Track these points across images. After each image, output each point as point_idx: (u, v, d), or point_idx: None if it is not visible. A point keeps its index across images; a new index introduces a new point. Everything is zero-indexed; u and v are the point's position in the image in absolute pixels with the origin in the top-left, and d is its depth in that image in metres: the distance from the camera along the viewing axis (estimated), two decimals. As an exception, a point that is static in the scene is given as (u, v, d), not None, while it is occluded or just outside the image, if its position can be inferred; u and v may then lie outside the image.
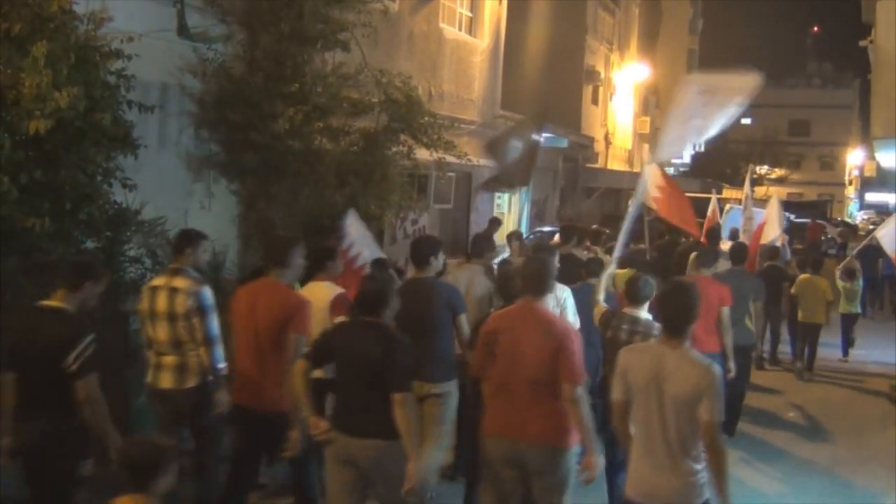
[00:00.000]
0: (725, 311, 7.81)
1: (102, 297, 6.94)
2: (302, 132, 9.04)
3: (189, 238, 5.89)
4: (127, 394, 7.39)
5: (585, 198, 27.55)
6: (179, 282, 5.65)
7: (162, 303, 5.69)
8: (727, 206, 18.47)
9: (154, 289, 5.78)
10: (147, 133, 7.64)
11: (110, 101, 6.67)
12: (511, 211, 21.88)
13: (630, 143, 35.17)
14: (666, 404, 4.10)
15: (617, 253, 7.59)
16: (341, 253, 7.35)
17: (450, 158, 10.68)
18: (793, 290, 11.92)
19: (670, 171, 43.22)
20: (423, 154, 10.63)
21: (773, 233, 12.70)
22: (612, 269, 7.44)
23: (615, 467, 5.73)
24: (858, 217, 60.38)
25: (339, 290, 6.16)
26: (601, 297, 6.74)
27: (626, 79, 33.78)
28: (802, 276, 11.97)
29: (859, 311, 13.52)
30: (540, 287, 4.95)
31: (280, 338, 5.20)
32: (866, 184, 75.01)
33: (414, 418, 4.54)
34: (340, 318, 5.41)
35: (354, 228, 8.18)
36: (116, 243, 7.15)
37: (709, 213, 14.41)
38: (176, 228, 8.51)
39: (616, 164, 32.83)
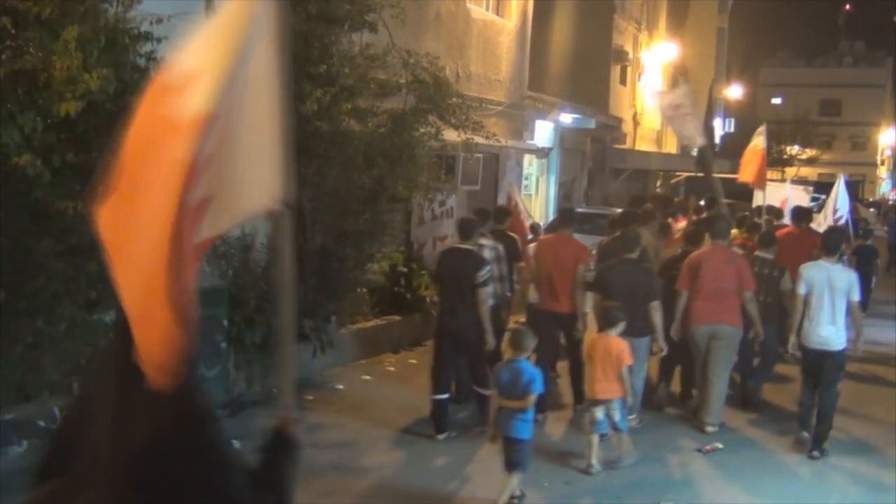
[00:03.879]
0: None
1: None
2: (329, 113, 9.03)
3: (490, 213, 9.70)
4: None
5: (613, 179, 27.36)
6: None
7: None
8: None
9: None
10: (176, 115, 7.64)
11: (140, 84, 6.66)
12: (538, 192, 21.80)
13: (658, 124, 34.79)
14: (834, 291, 7.56)
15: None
16: (515, 213, 12.09)
17: (477, 139, 10.65)
18: None
19: (694, 151, 42.82)
20: (450, 135, 10.61)
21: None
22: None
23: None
24: (890, 198, 59.57)
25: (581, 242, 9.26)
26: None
27: (654, 58, 33.41)
28: None
29: None
30: (724, 236, 8.79)
31: (572, 267, 8.52)
32: (899, 164, 74.00)
33: (660, 312, 8.01)
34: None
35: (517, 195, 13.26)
36: (146, 225, 7.16)
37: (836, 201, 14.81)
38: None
39: (644, 145, 32.53)
